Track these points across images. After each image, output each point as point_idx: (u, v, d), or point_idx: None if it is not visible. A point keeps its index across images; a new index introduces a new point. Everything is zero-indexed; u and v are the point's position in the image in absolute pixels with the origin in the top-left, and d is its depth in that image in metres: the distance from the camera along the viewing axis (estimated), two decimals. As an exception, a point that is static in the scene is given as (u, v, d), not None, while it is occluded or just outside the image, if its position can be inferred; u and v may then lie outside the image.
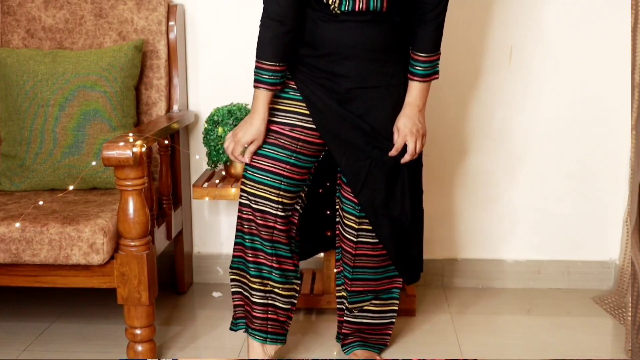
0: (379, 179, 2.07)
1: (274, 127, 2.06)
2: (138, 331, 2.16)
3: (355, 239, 2.14)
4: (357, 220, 2.12)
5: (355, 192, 2.09)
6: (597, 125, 2.73)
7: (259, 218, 2.08)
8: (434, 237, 2.82)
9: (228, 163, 2.53)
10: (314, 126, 2.06)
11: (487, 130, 2.76)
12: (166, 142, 2.46)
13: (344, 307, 2.22)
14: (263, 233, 2.09)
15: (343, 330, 2.25)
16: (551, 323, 2.54)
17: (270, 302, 2.14)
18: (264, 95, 2.02)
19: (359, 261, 2.16)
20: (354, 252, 2.15)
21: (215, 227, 2.89)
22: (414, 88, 2.06)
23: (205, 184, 2.49)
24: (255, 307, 2.15)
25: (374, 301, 2.21)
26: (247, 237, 2.12)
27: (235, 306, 2.21)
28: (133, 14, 2.63)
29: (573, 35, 2.68)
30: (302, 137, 2.06)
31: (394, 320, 2.25)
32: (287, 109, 2.07)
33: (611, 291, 2.77)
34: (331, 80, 2.02)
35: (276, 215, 2.08)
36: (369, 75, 2.02)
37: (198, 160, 2.79)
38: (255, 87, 2.02)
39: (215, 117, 2.49)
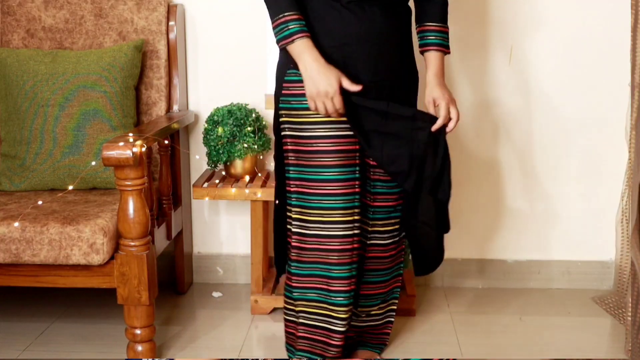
0: (425, 159, 2.00)
1: (314, 147, 1.96)
2: (138, 331, 2.16)
3: (367, 242, 2.12)
4: (370, 222, 2.10)
5: (401, 180, 2.01)
6: (597, 125, 2.73)
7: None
8: (434, 237, 2.82)
9: (228, 163, 2.53)
10: (345, 133, 1.96)
11: (487, 130, 2.76)
12: (166, 142, 2.46)
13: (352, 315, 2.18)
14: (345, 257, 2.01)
15: (348, 334, 2.17)
16: (551, 323, 2.54)
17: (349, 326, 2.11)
18: (306, 43, 1.87)
19: (371, 264, 2.13)
20: (366, 255, 2.12)
21: (215, 227, 2.89)
22: (434, 58, 2.03)
23: (205, 184, 2.49)
24: (339, 336, 2.07)
25: (381, 305, 2.21)
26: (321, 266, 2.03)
27: (313, 340, 2.10)
28: (133, 14, 2.63)
29: (573, 34, 2.68)
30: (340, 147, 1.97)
31: (393, 319, 2.25)
32: (314, 120, 1.95)
33: (611, 291, 2.77)
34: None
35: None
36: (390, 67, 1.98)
37: (198, 160, 2.79)
38: (288, 43, 1.88)
39: (215, 117, 2.49)
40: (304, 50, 1.88)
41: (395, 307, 2.24)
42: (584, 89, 2.71)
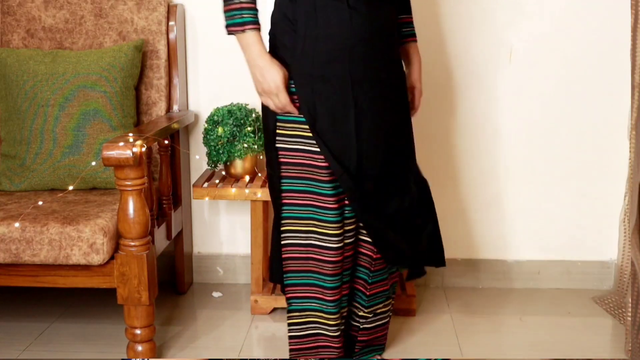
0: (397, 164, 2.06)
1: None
2: (138, 331, 2.16)
3: (365, 244, 2.11)
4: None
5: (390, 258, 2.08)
6: (597, 125, 2.73)
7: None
8: (434, 237, 2.82)
9: (228, 163, 2.53)
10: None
11: (487, 130, 2.76)
12: (166, 142, 2.46)
13: (360, 319, 2.17)
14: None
15: (359, 339, 2.19)
16: (551, 323, 2.54)
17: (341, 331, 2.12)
18: (256, 36, 1.86)
19: (378, 264, 2.13)
20: (374, 256, 2.11)
21: (215, 227, 2.89)
22: (414, 48, 2.18)
23: (205, 184, 2.49)
24: (337, 340, 2.10)
25: (385, 302, 2.20)
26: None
27: (308, 349, 2.12)
28: (133, 14, 2.63)
29: (573, 34, 2.68)
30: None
31: (389, 318, 2.25)
32: (308, 135, 1.96)
33: (611, 291, 2.77)
34: None
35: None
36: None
37: (198, 160, 2.79)
38: (238, 31, 1.85)
39: (215, 117, 2.49)
40: (253, 43, 1.87)
41: (391, 306, 2.24)
42: (584, 89, 2.71)
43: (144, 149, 2.06)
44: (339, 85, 1.92)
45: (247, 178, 2.54)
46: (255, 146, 2.50)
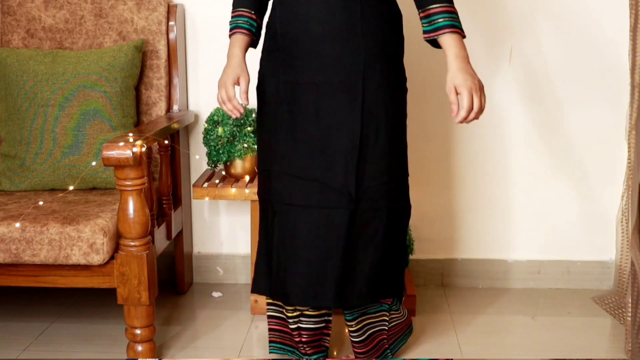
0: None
1: None
2: (138, 331, 2.16)
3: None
4: None
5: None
6: (597, 125, 2.73)
7: None
8: (434, 237, 2.82)
9: (228, 163, 2.53)
10: None
11: (487, 130, 2.76)
12: (166, 142, 2.46)
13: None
14: None
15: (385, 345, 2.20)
16: (551, 323, 2.54)
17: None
18: (240, 39, 2.00)
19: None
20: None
21: (215, 227, 2.89)
22: (449, 40, 1.83)
23: (205, 184, 2.49)
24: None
25: (396, 301, 2.20)
26: None
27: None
28: (133, 14, 2.63)
29: (573, 35, 2.68)
30: None
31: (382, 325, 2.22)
32: None
33: (611, 291, 2.77)
34: None
35: None
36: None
37: (198, 160, 2.79)
38: (231, 34, 2.02)
39: (215, 117, 2.49)
40: (233, 43, 2.01)
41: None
42: (584, 88, 2.71)
43: (144, 149, 2.07)
44: None
45: (247, 178, 2.54)
46: (255, 146, 2.50)
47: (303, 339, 2.12)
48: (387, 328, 2.16)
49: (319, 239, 1.95)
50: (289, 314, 2.11)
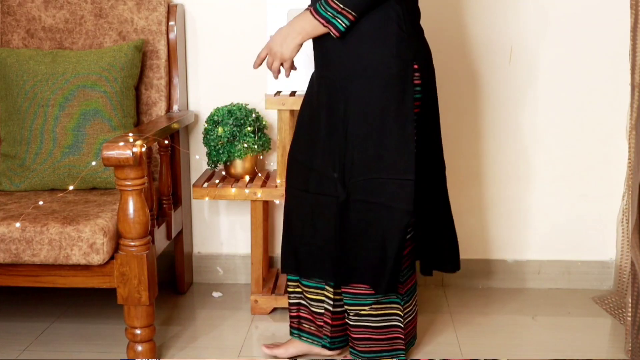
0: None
1: None
2: (138, 331, 2.16)
3: None
4: None
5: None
6: (597, 125, 2.73)
7: None
8: (434, 237, 2.82)
9: (228, 163, 2.53)
10: None
11: (487, 131, 2.76)
12: (166, 142, 2.46)
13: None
14: None
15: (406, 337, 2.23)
16: (551, 323, 2.54)
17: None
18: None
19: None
20: None
21: (215, 227, 2.89)
22: (303, 12, 2.00)
23: (205, 184, 2.49)
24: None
25: (414, 298, 2.22)
26: None
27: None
28: (133, 14, 2.63)
29: (573, 35, 2.68)
30: None
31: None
32: None
33: (611, 291, 2.77)
34: None
35: None
36: None
37: (198, 160, 2.79)
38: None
39: (215, 117, 2.49)
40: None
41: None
42: (584, 88, 2.71)
43: (144, 149, 2.06)
44: None
45: (247, 178, 2.54)
46: (255, 146, 2.50)
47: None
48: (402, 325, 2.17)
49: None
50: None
